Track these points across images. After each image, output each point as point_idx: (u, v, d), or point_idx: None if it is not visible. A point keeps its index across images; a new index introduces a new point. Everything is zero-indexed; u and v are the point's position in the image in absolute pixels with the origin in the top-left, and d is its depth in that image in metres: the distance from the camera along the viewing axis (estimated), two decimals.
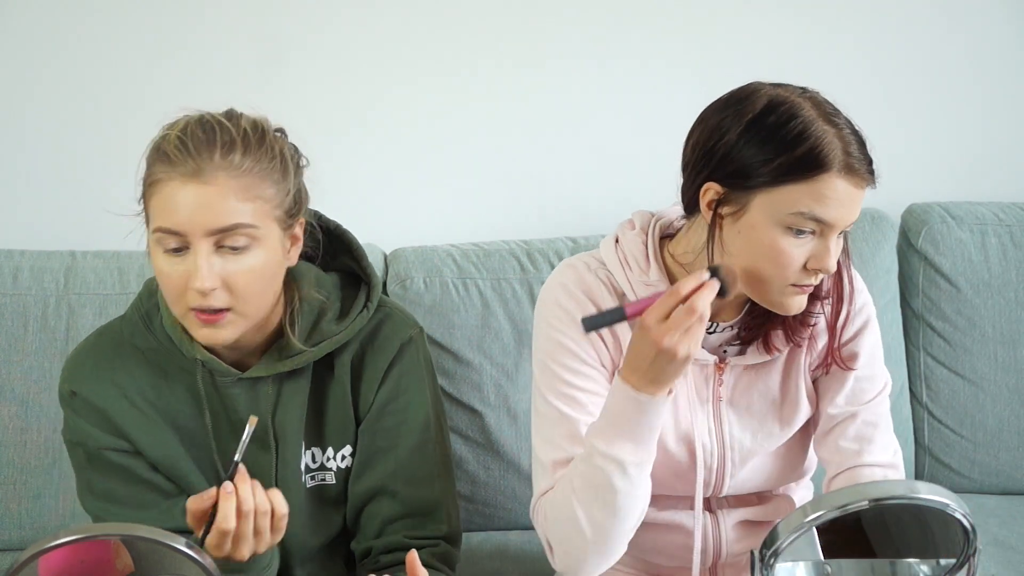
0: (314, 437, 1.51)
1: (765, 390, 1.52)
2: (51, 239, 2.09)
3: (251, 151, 1.37)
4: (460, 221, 2.22)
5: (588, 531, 1.40)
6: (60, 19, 2.11)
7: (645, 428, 1.36)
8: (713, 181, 1.38)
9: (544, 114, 2.22)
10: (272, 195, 1.38)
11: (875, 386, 1.54)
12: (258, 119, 1.42)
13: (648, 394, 1.33)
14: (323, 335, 1.48)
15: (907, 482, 1.21)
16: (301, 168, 1.46)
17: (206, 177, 1.33)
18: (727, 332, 1.50)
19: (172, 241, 1.34)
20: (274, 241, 1.39)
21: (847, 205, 1.35)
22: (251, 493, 1.31)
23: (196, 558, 1.11)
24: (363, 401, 1.51)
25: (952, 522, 1.15)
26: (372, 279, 1.53)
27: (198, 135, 1.36)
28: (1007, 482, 2.17)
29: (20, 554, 1.09)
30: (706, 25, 2.23)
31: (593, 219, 2.19)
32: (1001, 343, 2.14)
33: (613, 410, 1.37)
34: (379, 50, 2.17)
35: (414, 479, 1.52)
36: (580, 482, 1.39)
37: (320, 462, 1.52)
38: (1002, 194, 2.28)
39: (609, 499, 1.38)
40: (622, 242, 1.51)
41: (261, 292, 1.39)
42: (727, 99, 1.42)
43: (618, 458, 1.36)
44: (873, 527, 1.23)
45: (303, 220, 1.46)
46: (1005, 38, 2.29)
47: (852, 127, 1.37)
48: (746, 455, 1.52)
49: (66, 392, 1.48)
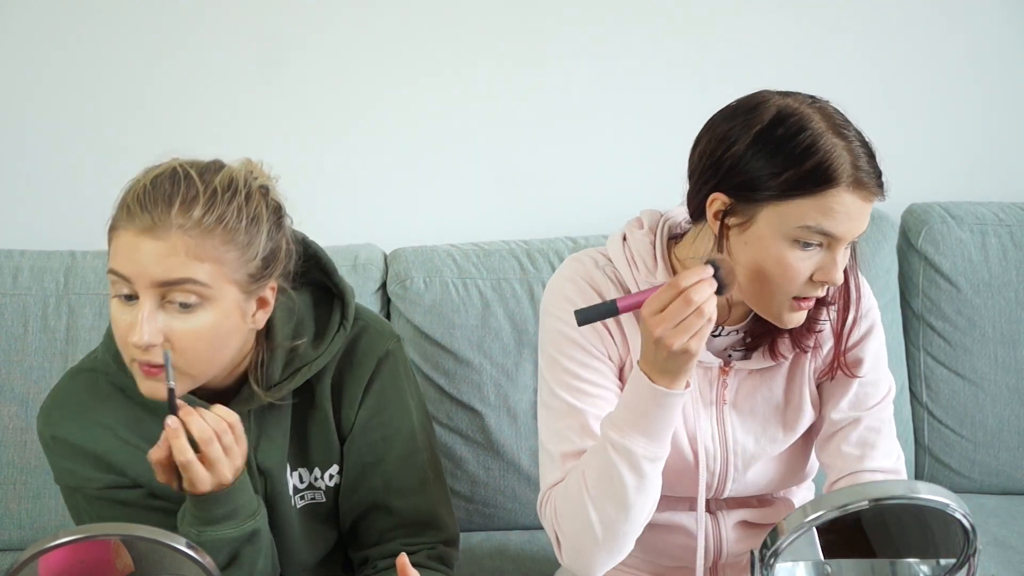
0: (299, 459, 1.49)
1: (769, 395, 1.52)
2: (51, 239, 2.09)
3: (214, 209, 1.31)
4: (460, 221, 2.22)
5: (598, 527, 1.39)
6: (60, 19, 2.11)
7: (660, 422, 1.35)
8: (720, 191, 1.37)
9: (544, 114, 2.22)
10: (233, 257, 1.32)
11: (879, 391, 1.53)
12: (237, 174, 1.36)
13: (663, 385, 1.33)
14: (301, 360, 1.44)
15: (907, 482, 1.21)
16: (282, 229, 1.40)
17: (159, 233, 1.29)
18: (732, 336, 1.50)
19: (123, 287, 1.31)
20: (228, 304, 1.33)
21: (855, 219, 1.34)
22: (202, 422, 1.31)
23: (196, 558, 1.11)
24: (345, 420, 1.49)
25: (952, 522, 1.15)
26: (345, 295, 1.49)
27: (164, 187, 1.31)
28: (1007, 482, 2.17)
29: (20, 554, 1.09)
30: (706, 25, 2.23)
31: (593, 219, 2.19)
32: (1001, 343, 2.14)
33: (629, 400, 1.36)
34: (379, 50, 2.17)
35: (406, 491, 1.50)
36: (592, 475, 1.39)
37: (308, 482, 1.50)
38: (1002, 194, 2.27)
39: (620, 494, 1.37)
40: (629, 241, 1.50)
41: (206, 355, 1.34)
42: (735, 107, 1.40)
43: (631, 450, 1.36)
44: (873, 527, 1.23)
45: (275, 285, 1.40)
46: (1005, 38, 2.29)
47: (862, 139, 1.36)
48: (749, 459, 1.52)
49: (47, 437, 1.44)
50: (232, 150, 2.16)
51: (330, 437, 1.49)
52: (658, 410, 1.34)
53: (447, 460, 2.01)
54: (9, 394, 1.95)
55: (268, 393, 1.42)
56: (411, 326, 2.02)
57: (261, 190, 1.37)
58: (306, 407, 1.47)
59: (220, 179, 1.34)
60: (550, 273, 2.05)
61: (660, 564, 1.61)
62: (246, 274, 1.34)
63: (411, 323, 2.02)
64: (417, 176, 2.22)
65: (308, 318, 1.47)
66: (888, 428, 1.54)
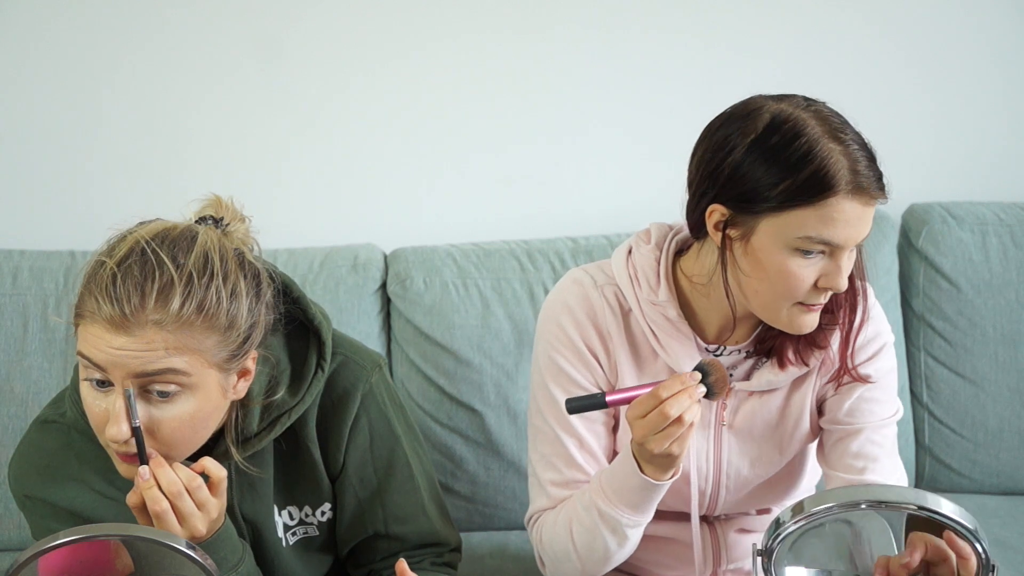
0: (288, 499, 1.45)
1: (768, 417, 1.50)
2: (51, 239, 2.09)
3: (192, 297, 1.22)
4: (460, 221, 2.22)
5: (579, 564, 1.46)
6: (60, 19, 2.11)
7: (646, 501, 1.40)
8: (718, 203, 1.35)
9: (544, 114, 2.22)
10: (213, 343, 1.24)
11: (884, 410, 1.49)
12: (211, 247, 1.25)
13: (649, 475, 1.36)
14: (279, 410, 1.37)
15: (933, 495, 1.16)
16: (261, 297, 1.30)
17: (132, 330, 1.20)
18: (735, 356, 1.48)
19: (95, 372, 1.23)
20: (210, 387, 1.26)
21: (855, 225, 1.32)
22: (172, 475, 1.24)
23: (196, 558, 1.11)
24: (333, 461, 1.44)
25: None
26: (321, 332, 1.40)
27: (133, 274, 1.21)
28: (1007, 482, 2.16)
29: (20, 554, 1.09)
30: (707, 26, 2.22)
31: (593, 219, 2.19)
32: (1002, 343, 2.13)
33: (618, 474, 1.40)
34: (379, 50, 2.17)
35: (404, 518, 1.47)
36: (577, 529, 1.44)
37: (299, 518, 1.46)
38: (1002, 194, 2.27)
39: (603, 552, 1.43)
40: (635, 256, 1.48)
41: (187, 438, 1.28)
42: (730, 114, 1.38)
43: (616, 520, 1.40)
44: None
45: (256, 354, 1.32)
46: (1005, 38, 2.29)
47: (861, 141, 1.34)
48: (742, 483, 1.51)
49: (20, 496, 1.38)
50: (232, 150, 2.18)
51: (319, 478, 1.44)
52: (644, 492, 1.38)
53: (447, 460, 2.01)
54: (9, 394, 1.95)
55: (247, 445, 1.36)
56: (411, 326, 2.02)
57: (236, 259, 1.27)
58: (291, 450, 1.42)
59: (194, 260, 1.23)
60: (550, 273, 2.05)
61: (658, 573, 1.60)
62: (228, 353, 1.26)
63: (411, 323, 2.02)
64: (417, 176, 2.22)
65: (284, 359, 1.39)
66: (891, 447, 1.50)
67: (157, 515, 1.24)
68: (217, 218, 1.31)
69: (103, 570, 1.15)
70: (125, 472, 1.28)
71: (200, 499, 1.26)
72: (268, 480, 1.42)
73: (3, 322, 1.96)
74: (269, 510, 1.43)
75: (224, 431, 1.35)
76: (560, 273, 2.03)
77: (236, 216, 1.32)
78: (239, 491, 1.41)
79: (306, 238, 2.11)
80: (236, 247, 1.29)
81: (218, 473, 1.28)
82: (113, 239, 1.27)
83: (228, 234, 1.29)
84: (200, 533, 1.27)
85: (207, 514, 1.27)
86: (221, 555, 1.31)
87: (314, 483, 1.45)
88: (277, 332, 1.39)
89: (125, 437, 1.23)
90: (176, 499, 1.25)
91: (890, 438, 1.50)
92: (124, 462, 1.27)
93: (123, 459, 1.27)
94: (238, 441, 1.36)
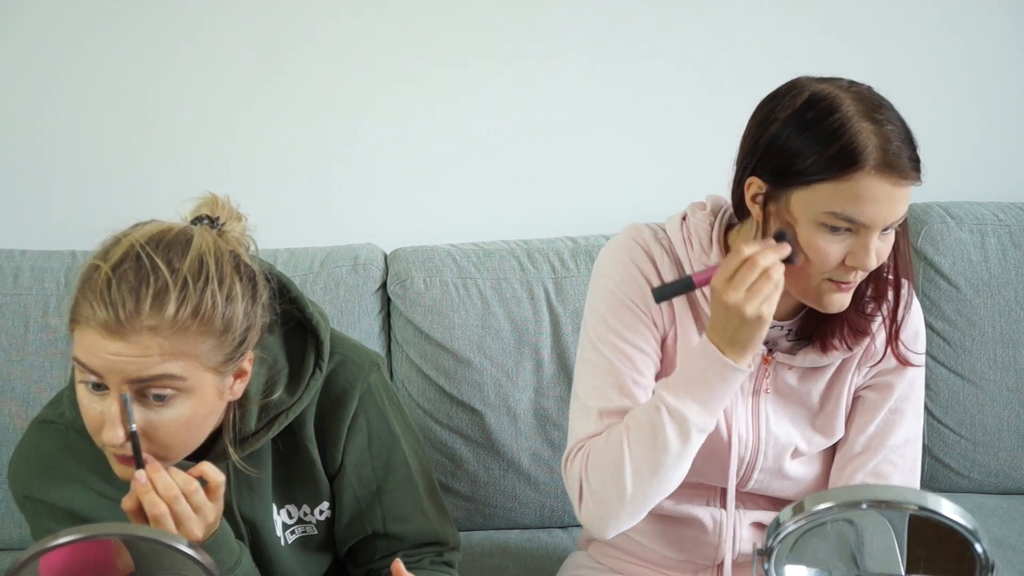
0: (286, 498, 1.45)
1: (806, 396, 1.52)
2: (51, 239, 2.09)
3: (188, 302, 1.21)
4: (460, 221, 2.23)
5: (630, 484, 1.41)
6: (60, 20, 2.11)
7: (718, 393, 1.38)
8: (756, 176, 1.38)
9: (544, 114, 2.22)
10: (209, 347, 1.24)
11: (903, 431, 1.51)
12: (206, 250, 1.24)
13: (731, 357, 1.36)
14: (277, 408, 1.37)
15: (934, 496, 1.16)
16: (257, 299, 1.30)
17: (128, 336, 1.19)
18: (777, 331, 1.50)
19: (91, 376, 1.23)
20: (206, 389, 1.26)
21: (883, 204, 1.32)
22: (169, 479, 1.24)
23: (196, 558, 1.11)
24: (331, 460, 1.44)
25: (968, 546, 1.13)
26: (319, 331, 1.40)
27: (128, 280, 1.20)
28: (1007, 482, 2.17)
29: (20, 554, 1.09)
30: (708, 25, 2.23)
31: (593, 219, 2.19)
32: (1001, 343, 2.14)
33: (691, 369, 1.39)
34: (379, 50, 2.17)
35: (404, 517, 1.48)
36: (637, 432, 1.41)
37: (297, 517, 1.46)
38: (1002, 194, 2.28)
39: (661, 456, 1.39)
40: (690, 220, 1.51)
41: (184, 440, 1.28)
42: (774, 93, 1.42)
43: (684, 415, 1.38)
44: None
45: (252, 355, 1.32)
46: (1005, 38, 2.30)
47: (899, 122, 1.35)
48: (780, 451, 1.52)
49: (20, 497, 1.38)
50: (233, 150, 2.19)
51: (318, 477, 1.44)
52: (720, 382, 1.37)
53: (447, 460, 2.01)
54: (10, 393, 1.95)
55: (245, 444, 1.36)
56: (411, 326, 2.02)
57: (232, 261, 1.27)
58: (289, 449, 1.42)
59: (189, 264, 1.23)
60: (550, 273, 2.05)
61: (668, 556, 1.61)
62: (223, 356, 1.26)
63: (411, 323, 2.02)
64: (417, 176, 2.22)
65: (281, 358, 1.39)
66: (910, 470, 1.52)
67: (154, 519, 1.24)
68: (213, 217, 1.30)
69: (104, 570, 1.15)
70: (122, 474, 1.28)
71: (196, 503, 1.26)
72: (266, 479, 1.42)
73: (4, 322, 1.96)
74: (267, 509, 1.44)
75: (222, 431, 1.35)
76: (560, 273, 2.04)
77: (232, 215, 1.31)
78: (237, 490, 1.41)
79: (306, 238, 2.11)
80: (232, 249, 1.28)
81: (216, 478, 1.28)
82: (107, 242, 1.26)
83: (224, 234, 1.29)
84: (197, 537, 1.27)
85: (204, 518, 1.28)
86: (217, 558, 1.30)
87: (312, 482, 1.45)
88: (275, 332, 1.39)
89: (121, 441, 1.23)
90: (173, 503, 1.25)
91: (910, 462, 1.52)
92: (121, 464, 1.28)
93: (120, 461, 1.27)
94: (236, 441, 1.36)
